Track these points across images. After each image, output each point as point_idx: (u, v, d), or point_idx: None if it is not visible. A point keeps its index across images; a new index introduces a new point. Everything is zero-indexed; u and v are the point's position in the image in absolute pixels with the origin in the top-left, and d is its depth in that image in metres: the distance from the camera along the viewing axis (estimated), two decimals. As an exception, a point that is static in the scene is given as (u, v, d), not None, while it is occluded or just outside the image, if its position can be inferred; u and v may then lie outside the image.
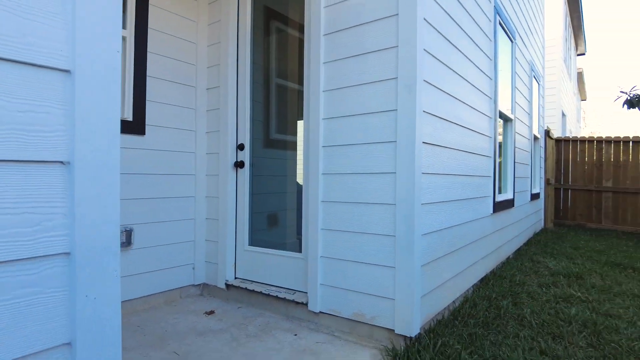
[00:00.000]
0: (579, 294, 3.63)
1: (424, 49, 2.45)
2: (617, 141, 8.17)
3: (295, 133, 3.98)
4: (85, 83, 0.84)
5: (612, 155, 8.17)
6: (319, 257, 2.77)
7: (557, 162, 8.69)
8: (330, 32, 2.73)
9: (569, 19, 12.59)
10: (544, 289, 3.78)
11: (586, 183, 8.41)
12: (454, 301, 3.10)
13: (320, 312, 2.78)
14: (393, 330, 2.44)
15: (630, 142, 8.03)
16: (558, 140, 8.71)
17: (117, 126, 0.90)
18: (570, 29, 13.45)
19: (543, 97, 7.62)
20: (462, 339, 2.54)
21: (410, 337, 2.41)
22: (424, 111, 2.44)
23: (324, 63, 2.76)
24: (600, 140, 8.35)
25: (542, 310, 3.17)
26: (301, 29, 3.14)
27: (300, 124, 3.40)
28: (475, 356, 2.34)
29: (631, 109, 4.93)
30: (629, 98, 4.87)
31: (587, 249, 5.82)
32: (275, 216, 3.92)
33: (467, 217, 3.28)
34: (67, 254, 0.84)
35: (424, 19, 2.46)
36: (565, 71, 11.62)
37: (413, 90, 2.34)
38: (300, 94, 3.35)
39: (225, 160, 3.39)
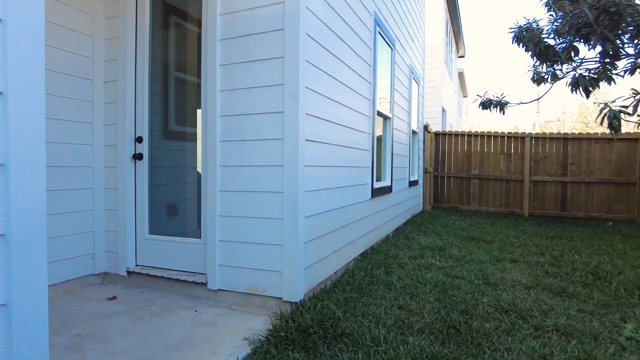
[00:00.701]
0: (438, 262, 4.46)
1: (306, 60, 2.89)
2: (482, 135, 9.62)
3: (195, 125, 4.18)
4: (16, 102, 1.07)
5: (478, 147, 9.62)
6: (217, 241, 3.10)
7: (436, 153, 9.94)
8: (226, 38, 3.04)
9: (449, 25, 14.19)
10: (412, 260, 4.55)
11: (459, 171, 9.78)
12: (336, 272, 3.66)
13: (218, 289, 3.12)
14: (281, 298, 2.89)
15: (492, 137, 9.53)
16: (437, 134, 9.96)
17: (43, 134, 1.14)
18: (452, 34, 15.16)
19: (423, 96, 8.69)
20: (339, 302, 3.08)
21: (296, 303, 2.88)
22: (306, 113, 2.89)
23: (220, 65, 3.06)
24: (470, 135, 9.75)
25: (407, 276, 3.88)
26: (200, 24, 3.36)
27: (200, 114, 3.63)
28: (348, 314, 2.89)
29: (484, 109, 5.99)
30: (482, 101, 5.90)
31: (454, 227, 6.92)
32: (176, 205, 4.13)
33: (347, 202, 3.85)
34: (3, 235, 1.08)
35: (307, 34, 2.89)
36: (446, 72, 13.15)
37: (296, 96, 2.77)
38: (199, 87, 3.59)
39: (124, 152, 3.51)
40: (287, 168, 2.81)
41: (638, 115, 4.33)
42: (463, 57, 18.03)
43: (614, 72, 5.01)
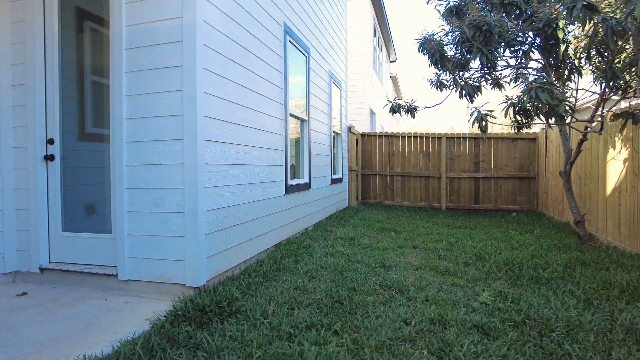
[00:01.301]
0: (345, 250, 4.92)
1: (205, 68, 3.21)
2: (403, 136, 10.36)
3: (112, 128, 4.33)
4: None
5: (400, 147, 10.35)
6: (125, 235, 3.33)
7: (363, 153, 10.56)
8: (131, 48, 3.28)
9: (379, 32, 14.98)
10: (323, 249, 4.98)
11: (383, 169, 10.45)
12: (245, 261, 3.99)
13: (128, 280, 3.35)
14: (185, 284, 3.18)
15: (412, 137, 10.30)
16: (363, 135, 10.58)
17: None
18: (382, 41, 15.99)
19: (346, 100, 9.24)
20: (241, 286, 3.41)
21: (199, 287, 3.18)
22: (205, 116, 3.20)
23: (126, 72, 3.29)
24: (392, 135, 10.45)
25: (312, 263, 4.29)
26: (114, 32, 3.55)
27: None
28: (247, 295, 3.24)
29: (394, 113, 6.57)
30: (392, 105, 6.47)
31: (372, 220, 7.48)
32: (93, 203, 4.26)
33: (257, 197, 4.20)
34: None
35: (205, 44, 3.21)
36: (375, 76, 13.88)
37: (194, 101, 3.08)
38: (115, 92, 3.75)
39: (34, 153, 3.63)
40: (187, 166, 3.11)
41: (510, 119, 5.06)
42: (394, 61, 19.01)
43: (505, 80, 5.76)
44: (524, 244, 5.57)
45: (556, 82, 5.55)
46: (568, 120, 5.25)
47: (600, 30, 3.55)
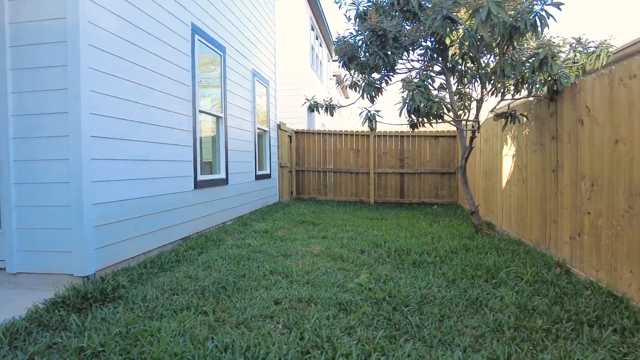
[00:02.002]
0: (253, 242, 5.17)
1: (91, 67, 3.34)
2: (335, 134, 10.77)
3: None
4: None
5: (332, 144, 10.74)
6: (14, 229, 3.41)
7: (297, 150, 10.87)
8: (16, 45, 3.35)
9: (318, 31, 15.33)
10: (234, 241, 5.21)
11: (317, 166, 10.81)
12: (145, 253, 4.15)
13: (18, 272, 3.44)
14: (73, 275, 3.32)
15: (343, 135, 10.73)
16: (297, 132, 10.88)
17: None
18: (322, 40, 16.36)
19: (275, 98, 9.49)
20: (132, 275, 3.58)
21: (87, 277, 3.33)
22: (92, 113, 3.35)
23: (10, 70, 3.36)
24: (325, 133, 10.83)
25: (215, 255, 4.49)
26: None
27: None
28: (136, 284, 3.42)
29: (312, 112, 6.90)
30: (310, 104, 6.79)
31: (295, 214, 7.79)
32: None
33: (158, 191, 4.36)
34: None
35: (91, 44, 3.34)
36: (313, 75, 14.22)
37: (79, 99, 3.22)
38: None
39: None
40: (72, 161, 3.25)
41: (406, 117, 5.51)
42: (336, 61, 19.47)
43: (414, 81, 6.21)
44: (425, 232, 6.06)
45: (456, 83, 6.08)
46: (458, 120, 5.78)
47: (466, 41, 4.01)
